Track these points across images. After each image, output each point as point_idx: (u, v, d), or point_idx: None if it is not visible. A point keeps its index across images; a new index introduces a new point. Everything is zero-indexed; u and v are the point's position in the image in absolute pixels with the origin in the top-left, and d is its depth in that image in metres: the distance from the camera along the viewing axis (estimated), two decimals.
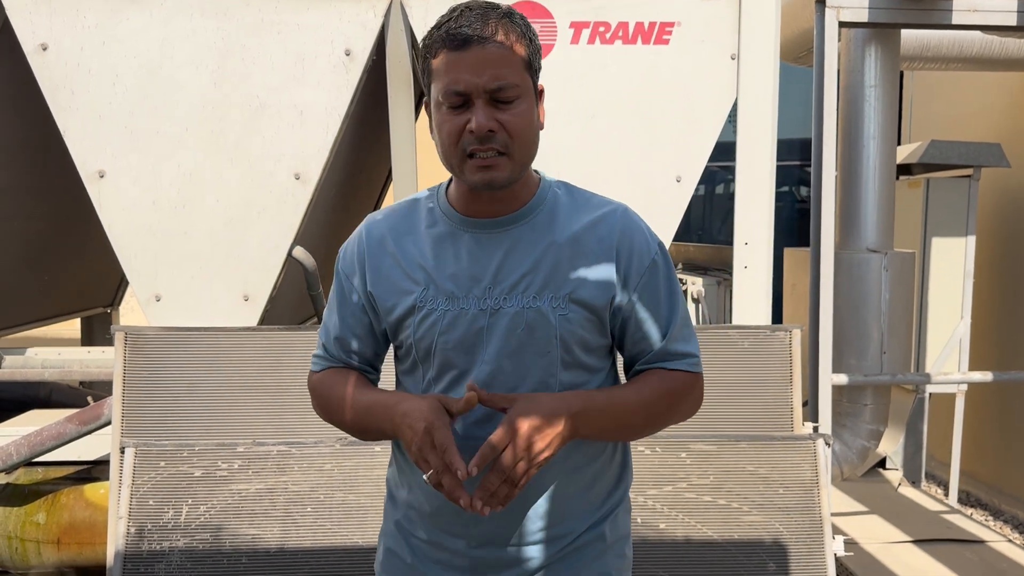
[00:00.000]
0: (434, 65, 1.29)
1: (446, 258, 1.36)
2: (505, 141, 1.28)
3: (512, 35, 1.28)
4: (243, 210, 2.91)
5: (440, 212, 1.40)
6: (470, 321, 1.34)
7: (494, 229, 1.37)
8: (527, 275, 1.34)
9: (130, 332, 2.70)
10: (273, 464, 2.56)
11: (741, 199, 3.01)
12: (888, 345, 3.80)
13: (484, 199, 1.36)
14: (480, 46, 1.26)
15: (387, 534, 1.50)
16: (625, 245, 1.37)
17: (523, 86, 1.30)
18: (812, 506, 2.63)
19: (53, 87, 2.85)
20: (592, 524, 1.42)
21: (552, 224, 1.38)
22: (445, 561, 1.41)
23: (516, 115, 1.29)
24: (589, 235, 1.37)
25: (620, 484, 1.48)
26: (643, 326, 1.39)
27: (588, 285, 1.35)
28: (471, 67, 1.25)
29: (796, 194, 8.04)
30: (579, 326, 1.35)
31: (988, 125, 5.56)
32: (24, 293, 3.94)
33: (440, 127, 1.30)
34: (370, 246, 1.42)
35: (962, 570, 3.45)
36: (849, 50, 3.84)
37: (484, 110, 1.26)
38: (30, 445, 2.81)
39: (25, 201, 3.63)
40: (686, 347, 1.42)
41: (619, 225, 1.39)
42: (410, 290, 1.37)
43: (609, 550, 1.44)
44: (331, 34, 2.87)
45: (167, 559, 2.48)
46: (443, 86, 1.27)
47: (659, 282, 1.40)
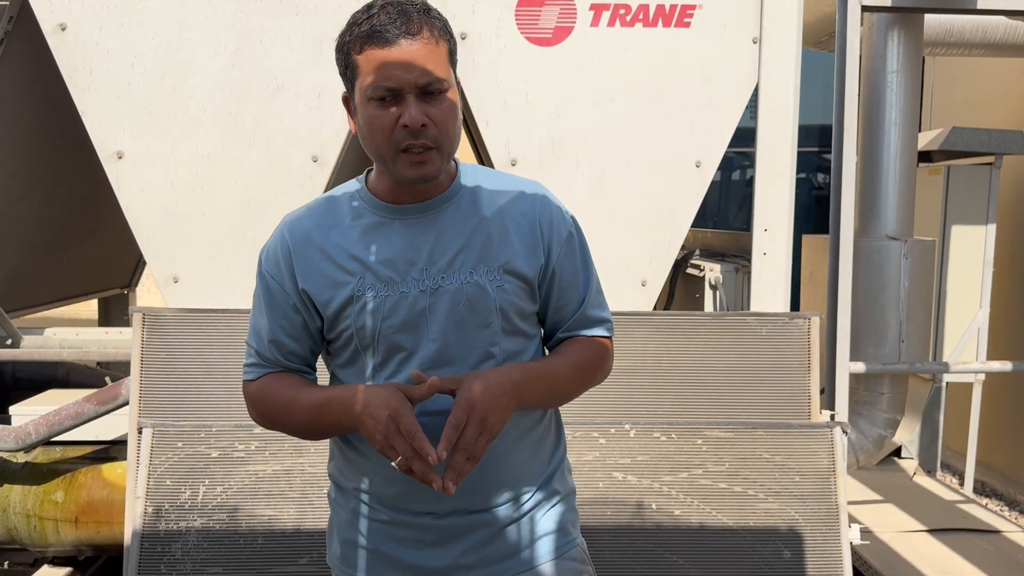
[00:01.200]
0: (357, 61, 1.32)
1: (378, 246, 1.39)
2: (435, 135, 1.32)
3: (435, 31, 1.33)
4: (261, 192, 2.91)
5: (364, 204, 1.43)
6: (411, 303, 1.37)
7: (422, 213, 1.41)
8: (461, 252, 1.39)
9: (148, 313, 2.71)
10: (290, 446, 2.57)
11: (761, 185, 2.99)
12: (906, 334, 3.77)
13: (408, 189, 1.39)
14: (408, 42, 1.29)
15: (341, 525, 1.51)
16: (545, 218, 1.45)
17: (448, 80, 1.33)
18: (828, 494, 2.62)
19: (72, 68, 2.85)
20: (543, 482, 1.50)
21: (476, 203, 1.43)
22: (410, 538, 1.44)
23: (443, 109, 1.33)
24: (513, 209, 1.44)
25: (559, 444, 1.56)
26: (564, 294, 1.47)
27: (519, 256, 1.41)
28: (400, 63, 1.29)
29: (814, 181, 7.98)
30: (515, 295, 1.41)
31: (1010, 112, 5.49)
32: (42, 274, 3.96)
33: (370, 123, 1.33)
34: (295, 244, 1.42)
35: (977, 560, 3.44)
36: (871, 35, 3.79)
37: (416, 104, 1.30)
38: (48, 424, 2.83)
39: (43, 183, 3.64)
40: (601, 313, 1.51)
41: (537, 200, 1.46)
42: (345, 281, 1.38)
43: (562, 502, 1.53)
44: (349, 15, 2.85)
45: (184, 539, 2.49)
46: (373, 82, 1.30)
47: (576, 252, 1.48)
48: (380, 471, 1.42)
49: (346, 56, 1.34)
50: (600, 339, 1.51)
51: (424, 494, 1.39)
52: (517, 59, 2.89)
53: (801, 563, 2.55)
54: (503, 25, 2.88)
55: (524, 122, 2.91)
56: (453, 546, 1.43)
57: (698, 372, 2.76)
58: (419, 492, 1.39)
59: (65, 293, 4.26)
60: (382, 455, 1.29)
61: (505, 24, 2.88)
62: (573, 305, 1.48)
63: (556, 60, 2.89)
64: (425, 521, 1.43)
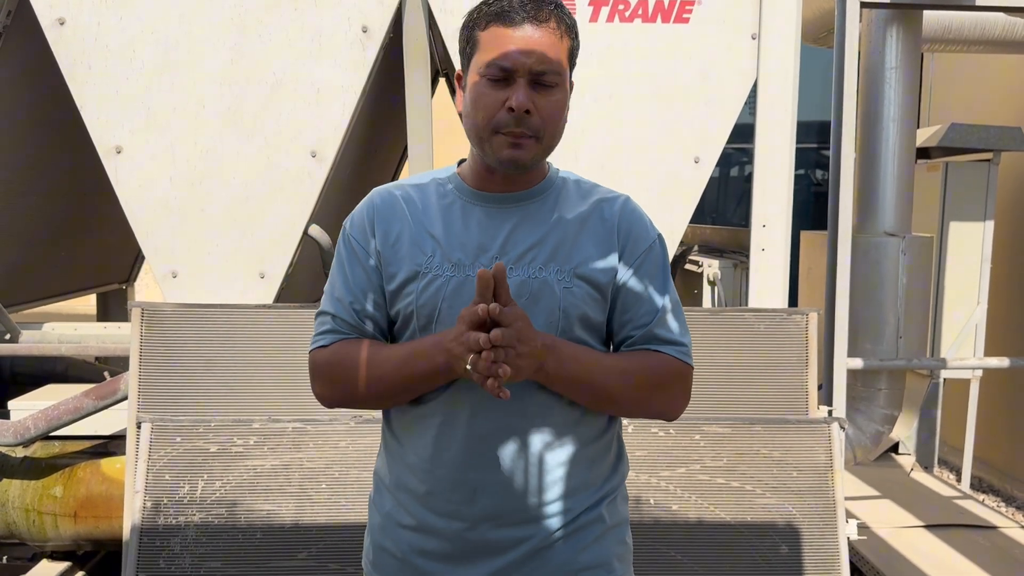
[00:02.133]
0: (480, 37, 1.33)
1: (455, 228, 1.39)
2: (538, 125, 1.32)
3: (562, 26, 1.33)
4: (259, 187, 2.91)
5: (452, 187, 1.43)
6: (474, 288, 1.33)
7: (504, 203, 1.40)
8: (534, 247, 1.37)
9: (147, 308, 2.71)
10: (288, 441, 2.58)
11: (759, 181, 2.99)
12: (904, 330, 3.77)
13: (498, 178, 1.39)
14: (533, 27, 1.30)
15: (375, 529, 1.48)
16: (625, 228, 1.41)
17: (563, 76, 1.34)
18: (826, 489, 2.63)
19: (71, 62, 2.85)
20: (590, 505, 1.41)
21: (559, 204, 1.42)
22: (440, 551, 1.39)
23: (552, 102, 1.32)
24: (594, 215, 1.41)
25: (617, 471, 1.48)
26: (632, 308, 1.41)
27: (593, 262, 1.38)
28: (521, 46, 1.29)
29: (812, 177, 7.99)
30: (582, 301, 1.37)
31: (1009, 109, 5.49)
32: (41, 269, 3.96)
33: (476, 99, 1.32)
34: (380, 211, 1.42)
35: (974, 555, 3.45)
36: (870, 31, 3.79)
37: (526, 90, 1.30)
38: (47, 419, 2.83)
39: (42, 178, 3.64)
40: (674, 335, 1.42)
41: (622, 210, 1.43)
42: (416, 256, 1.38)
43: (609, 533, 1.44)
44: (348, 11, 2.85)
45: (183, 533, 2.50)
46: (488, 59, 1.30)
47: (653, 268, 1.43)
48: (418, 465, 1.39)
49: (469, 32, 1.35)
50: (669, 356, 1.40)
51: (456, 494, 1.36)
52: None
53: (798, 558, 2.56)
54: None
55: None
56: (484, 564, 1.37)
57: (696, 367, 2.75)
58: (452, 492, 1.37)
59: (64, 288, 4.26)
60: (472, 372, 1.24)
61: None
62: (640, 320, 1.40)
63: None
64: (455, 528, 1.37)
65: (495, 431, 1.36)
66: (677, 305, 1.45)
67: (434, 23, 2.89)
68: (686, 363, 1.42)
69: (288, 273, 2.99)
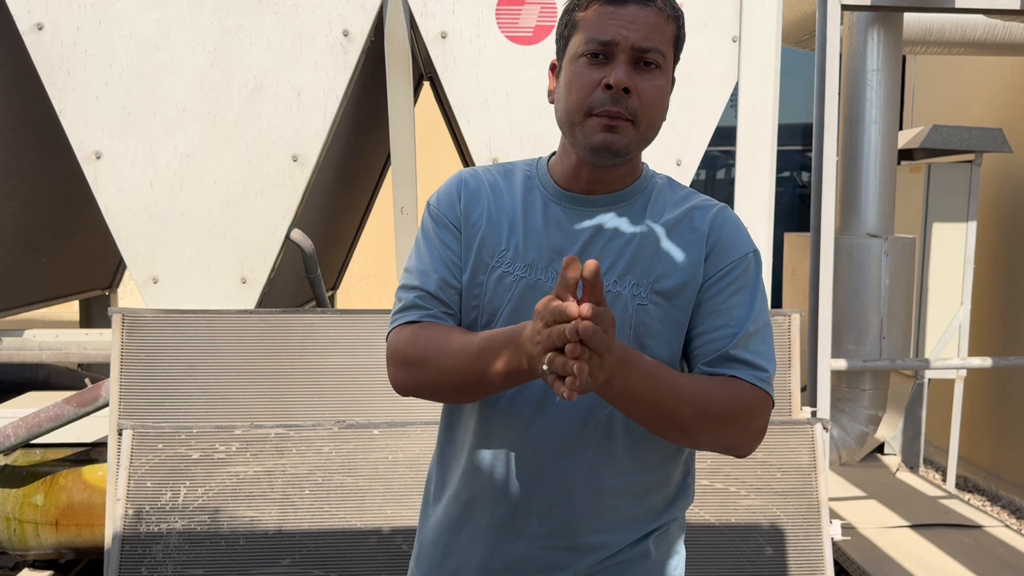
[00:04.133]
0: (580, 17, 1.25)
1: (535, 226, 1.31)
2: (636, 108, 1.23)
3: (669, 10, 1.25)
4: (241, 192, 2.90)
5: (538, 181, 1.35)
6: (543, 292, 1.26)
7: (589, 206, 1.32)
8: (612, 256, 1.29)
9: (127, 314, 2.70)
10: (271, 447, 2.56)
11: (741, 183, 3.00)
12: (887, 330, 3.79)
13: (585, 176, 1.31)
14: (639, 6, 1.22)
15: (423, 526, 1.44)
16: (714, 237, 1.30)
17: (667, 60, 1.26)
18: (809, 490, 2.63)
19: (49, 67, 2.83)
20: (635, 540, 1.33)
21: (647, 211, 1.32)
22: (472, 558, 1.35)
23: (654, 86, 1.24)
24: (684, 224, 1.31)
25: (675, 504, 1.38)
26: (710, 324, 1.28)
27: (674, 277, 1.28)
28: (626, 21, 1.21)
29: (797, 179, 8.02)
30: (656, 320, 1.27)
31: (990, 110, 5.53)
32: (22, 275, 3.93)
33: (572, 79, 1.24)
34: (467, 193, 1.35)
35: (959, 555, 3.46)
36: (851, 34, 3.81)
37: (626, 67, 1.21)
38: (28, 427, 2.81)
39: (22, 183, 3.61)
40: (755, 358, 1.27)
41: (715, 219, 1.32)
42: (491, 248, 1.31)
43: (653, 568, 1.35)
44: (329, 14, 2.84)
45: (165, 541, 2.48)
46: (588, 35, 1.23)
47: (741, 284, 1.30)
48: (464, 470, 1.34)
49: (569, 15, 1.27)
50: (747, 384, 1.25)
51: (498, 507, 1.31)
52: (498, 57, 2.89)
53: (783, 559, 2.56)
54: (484, 24, 2.87)
55: (505, 120, 2.91)
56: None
57: None
58: (493, 504, 1.32)
59: (45, 294, 4.23)
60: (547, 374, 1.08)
61: (486, 23, 2.87)
62: (719, 340, 1.27)
63: (537, 58, 2.89)
64: (493, 539, 1.32)
65: (544, 449, 1.29)
66: (765, 328, 1.31)
67: (415, 26, 2.88)
68: (766, 392, 1.27)
69: (270, 278, 2.98)
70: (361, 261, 6.04)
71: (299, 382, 2.69)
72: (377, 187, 4.96)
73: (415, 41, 2.96)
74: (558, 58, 1.32)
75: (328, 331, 2.73)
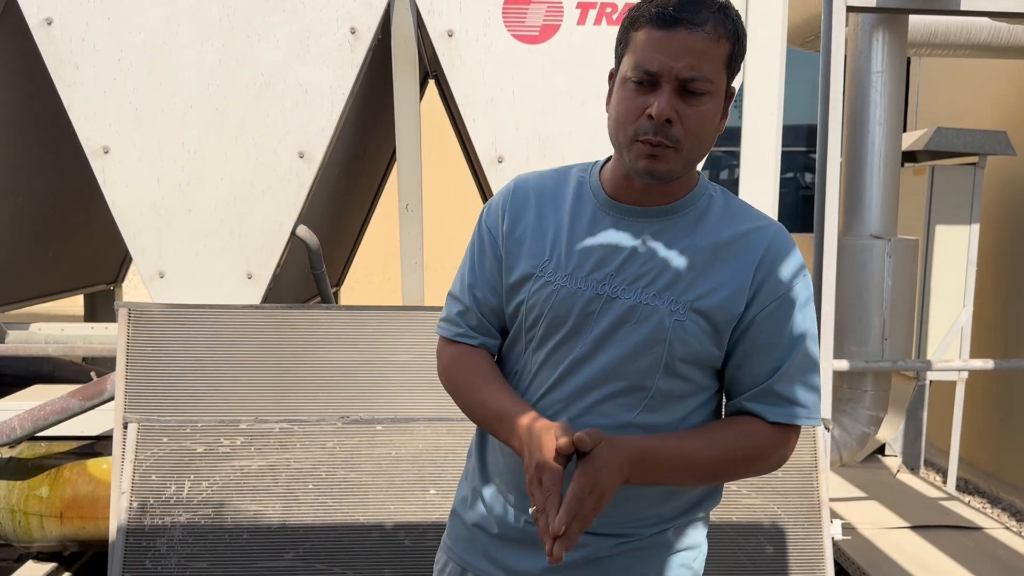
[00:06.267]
0: (633, 37, 1.25)
1: (580, 234, 1.33)
2: (679, 136, 1.23)
3: (721, 28, 1.23)
4: (247, 188, 2.92)
5: (589, 188, 1.37)
6: (585, 303, 1.30)
7: (637, 217, 1.32)
8: (654, 271, 1.29)
9: (133, 308, 2.71)
10: (275, 441, 2.58)
11: (746, 184, 3.01)
12: (890, 332, 3.80)
13: (636, 186, 1.32)
14: (687, 31, 1.21)
15: (459, 501, 1.51)
16: (767, 263, 1.30)
17: (716, 83, 1.25)
18: (810, 490, 2.64)
19: (58, 62, 2.85)
20: (657, 532, 1.37)
21: (698, 227, 1.32)
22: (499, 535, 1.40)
23: (699, 112, 1.24)
24: (734, 246, 1.30)
25: (701, 504, 1.41)
26: (752, 356, 1.30)
27: (715, 297, 1.28)
28: (671, 50, 1.21)
29: (801, 180, 8.02)
30: (694, 337, 1.28)
31: (994, 113, 5.53)
32: (28, 269, 3.94)
33: (620, 103, 1.26)
34: (514, 202, 1.40)
35: (958, 556, 3.47)
36: (856, 35, 3.82)
37: (669, 97, 1.22)
38: (33, 419, 2.82)
39: (30, 177, 3.63)
40: (795, 393, 1.30)
41: (769, 242, 1.31)
42: (535, 256, 1.34)
43: (673, 556, 1.39)
44: (336, 12, 2.86)
45: (169, 534, 2.49)
46: (636, 61, 1.23)
47: (789, 314, 1.30)
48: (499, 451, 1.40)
49: (625, 31, 1.28)
50: (778, 426, 1.29)
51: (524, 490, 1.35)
52: (504, 56, 2.90)
53: (783, 558, 2.57)
54: (490, 23, 2.89)
55: (511, 119, 2.92)
56: (537, 556, 1.36)
57: None
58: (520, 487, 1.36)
59: (51, 288, 4.25)
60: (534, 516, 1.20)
61: (492, 22, 2.89)
62: (760, 373, 1.29)
63: (543, 58, 2.90)
64: (519, 523, 1.38)
65: None
66: (809, 360, 1.31)
67: (422, 25, 2.90)
68: (795, 426, 1.31)
69: (276, 274, 2.99)
70: (366, 258, 6.05)
71: (303, 377, 2.70)
72: (382, 184, 4.98)
73: (421, 39, 2.97)
74: (615, 69, 1.32)
75: (333, 327, 2.75)
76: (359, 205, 4.84)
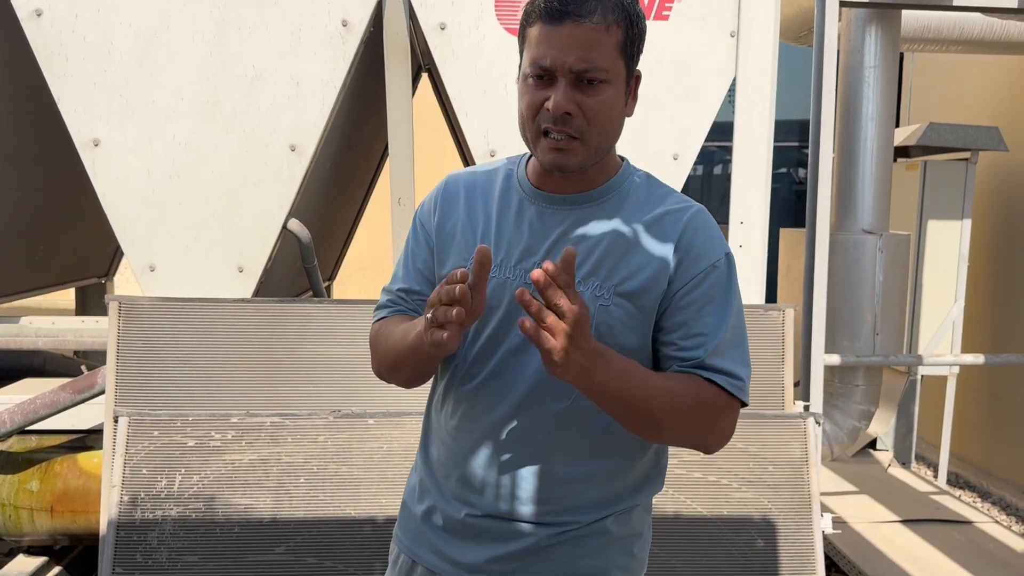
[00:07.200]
0: (528, 34, 1.28)
1: (507, 225, 1.36)
2: (581, 126, 1.25)
3: (611, 16, 1.24)
4: (238, 181, 2.90)
5: (516, 180, 1.40)
6: (512, 292, 1.31)
7: (560, 205, 1.34)
8: (579, 257, 1.30)
9: (124, 302, 2.70)
10: (266, 435, 2.57)
11: (737, 178, 3.01)
12: (881, 326, 3.81)
13: (557, 175, 1.34)
14: (574, 24, 1.22)
15: (410, 489, 1.51)
16: (686, 243, 1.31)
17: (612, 71, 1.25)
18: (801, 484, 2.65)
19: (47, 54, 2.83)
20: (597, 519, 1.37)
21: (619, 212, 1.33)
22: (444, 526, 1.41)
23: (598, 101, 1.25)
24: (653, 228, 1.32)
25: (641, 491, 1.42)
26: (683, 333, 1.30)
27: (638, 279, 1.29)
28: (561, 44, 1.23)
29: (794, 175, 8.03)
30: (619, 322, 1.29)
31: (987, 108, 5.54)
32: (19, 262, 3.92)
33: (522, 98, 1.29)
34: (445, 198, 1.42)
35: (949, 550, 3.49)
36: (849, 30, 3.82)
37: (565, 91, 1.24)
38: (24, 413, 2.81)
39: (19, 170, 3.61)
40: (729, 365, 1.30)
41: (687, 222, 1.32)
42: (466, 250, 1.37)
43: (613, 544, 1.39)
44: (328, 4, 2.85)
45: (160, 528, 2.49)
46: (532, 57, 1.26)
47: (712, 291, 1.30)
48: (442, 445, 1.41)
49: (522, 28, 1.30)
50: (719, 388, 1.28)
51: (467, 483, 1.37)
52: (497, 50, 2.89)
53: (774, 551, 2.58)
54: (483, 16, 2.88)
55: (503, 112, 2.91)
56: (480, 548, 1.37)
57: None
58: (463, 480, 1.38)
59: (42, 282, 4.23)
60: (432, 317, 1.15)
61: (485, 14, 2.88)
62: (694, 349, 1.29)
63: None
64: (461, 514, 1.38)
65: (516, 435, 1.34)
66: (739, 332, 1.33)
67: (415, 17, 2.89)
68: (738, 399, 1.31)
69: (267, 267, 2.98)
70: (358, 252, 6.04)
71: (295, 371, 2.70)
72: (375, 178, 4.96)
73: (414, 32, 2.96)
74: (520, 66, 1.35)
75: (324, 321, 2.74)
76: (351, 199, 4.83)
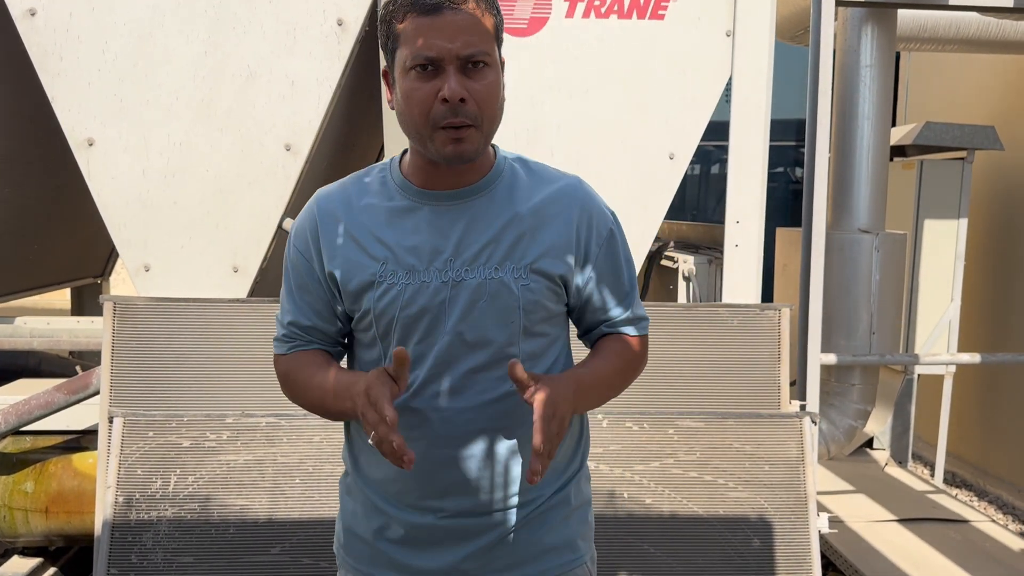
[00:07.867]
0: (399, 30, 1.27)
1: (404, 232, 1.35)
2: (474, 112, 1.27)
3: (483, 3, 1.28)
4: (233, 181, 2.90)
5: (395, 186, 1.38)
6: (432, 294, 1.33)
7: (454, 201, 1.36)
8: (488, 246, 1.34)
9: (119, 302, 2.69)
10: (262, 435, 2.57)
11: (733, 177, 3.00)
12: (877, 326, 3.81)
13: (443, 172, 1.35)
14: (452, 12, 1.24)
15: (346, 514, 1.49)
16: (584, 217, 1.40)
17: (492, 55, 1.29)
18: (797, 483, 2.65)
19: (42, 53, 2.82)
20: (556, 489, 1.44)
21: (512, 196, 1.38)
22: (412, 538, 1.40)
23: (485, 85, 1.28)
24: (550, 206, 1.39)
25: (579, 451, 1.50)
26: (604, 295, 1.44)
27: (549, 255, 1.36)
28: (444, 33, 1.24)
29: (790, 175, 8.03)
30: (541, 295, 1.36)
31: (983, 108, 5.55)
32: (14, 263, 3.92)
33: (409, 95, 1.27)
34: (323, 222, 1.38)
35: (946, 549, 3.49)
36: (845, 29, 3.82)
37: (457, 77, 1.25)
38: (18, 414, 2.80)
39: (14, 170, 3.60)
40: (641, 311, 1.49)
41: (577, 197, 1.42)
42: (367, 264, 1.35)
43: (573, 514, 1.47)
44: (323, 3, 2.84)
45: (155, 529, 2.48)
46: (413, 51, 1.25)
47: (618, 252, 1.45)
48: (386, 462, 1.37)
49: (388, 26, 1.29)
50: (639, 337, 1.49)
51: (426, 490, 1.37)
52: None
53: (770, 551, 2.58)
54: None
55: None
56: (454, 549, 1.39)
57: (670, 362, 2.78)
58: (420, 489, 1.37)
59: (37, 282, 4.22)
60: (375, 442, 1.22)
61: None
62: (616, 305, 1.45)
63: (531, 51, 2.89)
64: (428, 520, 1.38)
65: (462, 433, 1.36)
66: (634, 277, 1.50)
67: None
68: (646, 335, 1.51)
69: (262, 267, 2.98)
70: None
71: None
72: None
73: None
74: (388, 67, 1.34)
75: None
76: None
